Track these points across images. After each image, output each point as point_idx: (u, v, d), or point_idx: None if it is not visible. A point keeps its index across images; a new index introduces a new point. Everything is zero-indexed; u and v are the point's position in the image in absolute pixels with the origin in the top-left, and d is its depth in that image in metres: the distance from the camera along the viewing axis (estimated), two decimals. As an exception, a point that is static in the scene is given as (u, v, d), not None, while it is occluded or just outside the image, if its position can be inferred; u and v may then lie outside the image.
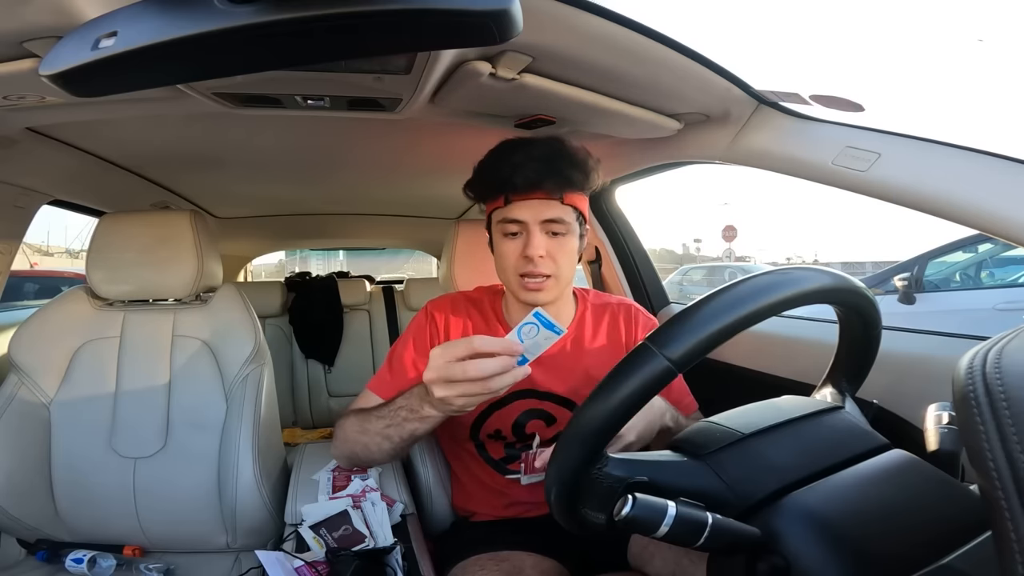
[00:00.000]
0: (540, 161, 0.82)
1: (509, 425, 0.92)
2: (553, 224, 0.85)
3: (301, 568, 0.80)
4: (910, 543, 0.44)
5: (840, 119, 0.80)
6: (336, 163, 1.49)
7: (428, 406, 0.71)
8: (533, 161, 0.82)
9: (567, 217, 0.85)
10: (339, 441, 0.89)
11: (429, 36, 0.46)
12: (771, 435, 0.54)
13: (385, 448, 0.80)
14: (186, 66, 0.47)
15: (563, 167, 0.83)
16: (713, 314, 0.47)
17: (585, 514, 0.50)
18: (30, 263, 5.56)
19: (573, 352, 0.93)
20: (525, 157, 0.83)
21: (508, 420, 0.92)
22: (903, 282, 4.00)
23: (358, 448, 0.84)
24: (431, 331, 0.94)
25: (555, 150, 0.84)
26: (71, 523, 1.04)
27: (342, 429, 0.88)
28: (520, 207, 0.84)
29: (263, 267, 6.40)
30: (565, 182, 0.83)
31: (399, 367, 0.92)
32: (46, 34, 0.57)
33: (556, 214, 0.84)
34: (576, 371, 0.91)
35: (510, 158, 0.84)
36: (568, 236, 0.86)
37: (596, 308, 0.97)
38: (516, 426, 0.92)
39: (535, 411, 0.92)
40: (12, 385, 1.03)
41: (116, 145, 1.24)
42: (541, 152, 0.83)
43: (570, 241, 0.87)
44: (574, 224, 0.87)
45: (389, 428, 0.78)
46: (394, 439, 0.78)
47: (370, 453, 0.83)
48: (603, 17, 0.64)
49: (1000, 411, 0.29)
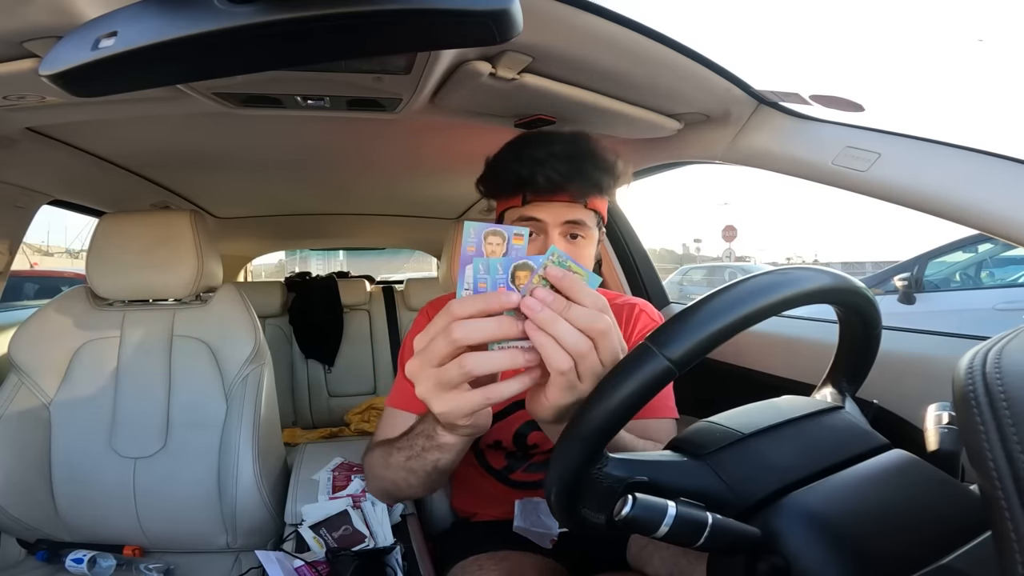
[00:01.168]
0: (566, 161, 0.76)
1: (510, 437, 0.89)
2: (573, 226, 0.79)
3: (301, 568, 0.80)
4: (910, 543, 0.44)
5: (840, 119, 0.80)
6: (336, 163, 1.49)
7: (441, 430, 0.59)
8: (558, 160, 0.76)
9: (588, 221, 0.79)
10: (370, 478, 0.82)
11: (429, 36, 0.46)
12: (771, 435, 0.54)
13: (413, 483, 0.69)
14: (186, 66, 0.47)
15: (590, 169, 0.76)
16: (713, 314, 0.47)
17: (585, 514, 0.50)
18: (30, 263, 5.55)
19: None
20: (548, 154, 0.76)
21: (508, 432, 0.88)
22: (903, 282, 4.00)
23: (387, 485, 0.75)
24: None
25: (583, 149, 0.78)
26: (71, 523, 1.04)
27: (368, 465, 0.80)
28: (540, 207, 0.78)
29: (263, 267, 6.40)
30: (592, 186, 0.77)
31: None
32: (46, 34, 0.57)
33: (578, 216, 0.78)
34: None
35: (533, 154, 0.77)
36: (587, 240, 0.81)
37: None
38: (517, 436, 0.89)
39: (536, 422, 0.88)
40: (12, 385, 1.03)
41: (116, 145, 1.24)
42: (567, 150, 0.77)
43: (588, 246, 0.81)
44: (593, 229, 0.81)
45: (411, 461, 0.66)
46: (419, 473, 0.66)
47: (400, 489, 0.73)
48: (603, 17, 0.64)
49: (1000, 411, 0.29)
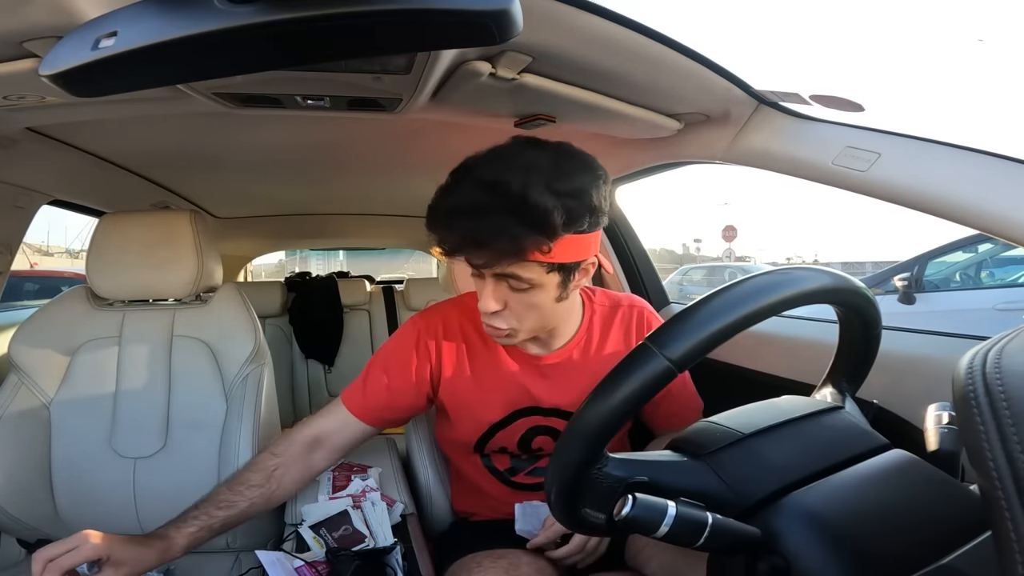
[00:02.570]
0: (474, 218, 0.63)
1: (515, 442, 0.88)
2: (511, 280, 0.69)
3: (301, 568, 0.80)
4: (910, 543, 0.44)
5: (840, 119, 0.80)
6: (336, 163, 1.49)
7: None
8: (463, 217, 0.64)
9: (528, 274, 0.68)
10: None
11: (429, 36, 0.46)
12: (771, 435, 0.54)
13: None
14: (186, 66, 0.47)
15: (509, 226, 0.62)
16: (713, 314, 0.47)
17: (585, 514, 0.50)
18: (30, 263, 5.56)
19: (579, 362, 0.84)
20: (451, 208, 0.65)
21: (513, 438, 0.87)
22: (903, 282, 4.00)
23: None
24: (418, 359, 0.84)
25: (499, 196, 0.62)
26: (71, 523, 1.03)
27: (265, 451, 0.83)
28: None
29: (263, 267, 6.41)
30: (509, 246, 0.63)
31: (373, 387, 0.84)
32: (46, 34, 0.57)
33: (511, 270, 0.67)
34: (582, 381, 0.83)
35: (436, 205, 0.67)
36: (532, 291, 0.70)
37: (605, 312, 0.88)
38: (522, 442, 0.88)
39: (541, 428, 0.86)
40: (12, 385, 1.03)
41: (116, 145, 1.24)
42: (477, 202, 0.63)
43: (536, 295, 0.70)
44: (544, 278, 0.69)
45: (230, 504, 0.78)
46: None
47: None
48: (603, 17, 0.64)
49: (1000, 411, 0.29)
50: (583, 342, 0.86)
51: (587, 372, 0.84)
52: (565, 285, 0.72)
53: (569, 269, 0.71)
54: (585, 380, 0.83)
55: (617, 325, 0.88)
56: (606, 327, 0.88)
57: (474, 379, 0.85)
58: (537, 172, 0.64)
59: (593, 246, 0.72)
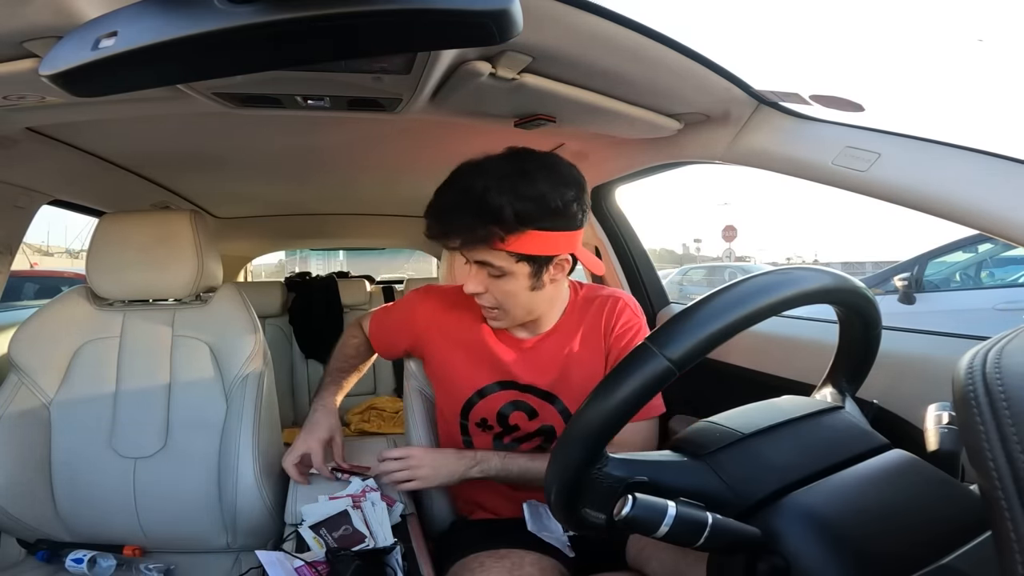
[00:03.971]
0: (448, 212, 0.79)
1: (494, 414, 0.93)
2: (484, 265, 0.81)
3: (301, 568, 0.80)
4: (910, 543, 0.44)
5: (840, 119, 0.80)
6: (336, 163, 1.49)
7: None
8: (441, 211, 0.80)
9: (498, 262, 0.80)
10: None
11: (429, 36, 0.46)
12: (771, 435, 0.54)
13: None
14: (186, 66, 0.47)
15: (470, 220, 0.77)
16: (713, 314, 0.47)
17: (585, 514, 0.50)
18: (30, 263, 5.56)
19: (554, 346, 0.92)
20: (436, 203, 0.81)
21: (493, 409, 0.93)
22: (903, 282, 4.00)
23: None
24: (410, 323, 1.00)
25: (469, 198, 0.77)
26: (71, 523, 1.04)
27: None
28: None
29: (263, 267, 6.40)
30: (471, 235, 0.78)
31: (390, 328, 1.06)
32: (46, 34, 0.57)
33: (482, 257, 0.80)
34: (555, 365, 0.91)
35: (434, 200, 0.82)
36: (506, 278, 0.81)
37: (583, 302, 0.95)
38: (501, 416, 0.93)
39: (517, 403, 0.93)
40: (12, 385, 1.03)
41: (116, 145, 1.24)
42: (452, 200, 0.79)
43: (509, 282, 0.82)
44: (514, 266, 0.80)
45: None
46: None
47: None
48: (603, 17, 0.64)
49: (1000, 411, 0.29)
50: (561, 329, 0.93)
51: (560, 356, 0.91)
52: (537, 276, 0.82)
53: (539, 262, 0.81)
54: (558, 363, 0.91)
55: (593, 314, 0.94)
56: (581, 315, 0.94)
57: (464, 350, 0.95)
58: (498, 178, 0.77)
59: (564, 244, 0.81)
